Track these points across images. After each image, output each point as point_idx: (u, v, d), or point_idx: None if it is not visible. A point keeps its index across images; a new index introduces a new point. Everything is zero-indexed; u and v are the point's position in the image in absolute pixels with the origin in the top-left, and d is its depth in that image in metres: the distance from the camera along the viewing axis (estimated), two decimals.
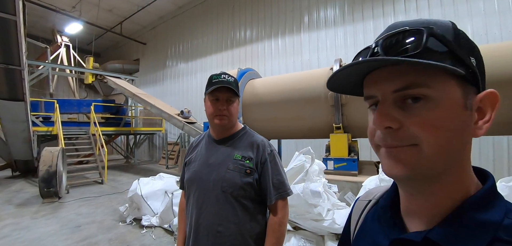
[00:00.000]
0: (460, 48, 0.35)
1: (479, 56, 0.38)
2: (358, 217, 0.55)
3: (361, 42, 6.66)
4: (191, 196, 1.18)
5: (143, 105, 8.66)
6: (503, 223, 0.35)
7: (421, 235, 0.37)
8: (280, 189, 1.15)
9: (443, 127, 0.34)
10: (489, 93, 0.37)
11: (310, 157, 2.85)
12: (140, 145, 12.22)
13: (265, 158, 1.16)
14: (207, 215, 1.11)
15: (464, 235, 0.35)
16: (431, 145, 0.34)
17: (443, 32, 0.35)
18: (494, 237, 0.34)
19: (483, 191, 0.37)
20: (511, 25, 4.93)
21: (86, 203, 5.00)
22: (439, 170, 0.36)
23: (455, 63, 0.34)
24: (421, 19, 0.37)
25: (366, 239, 0.49)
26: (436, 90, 0.35)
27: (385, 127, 0.37)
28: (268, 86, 5.03)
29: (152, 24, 12.45)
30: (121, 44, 14.51)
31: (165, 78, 12.11)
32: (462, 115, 0.35)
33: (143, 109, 11.34)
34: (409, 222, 0.42)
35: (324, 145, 4.33)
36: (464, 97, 0.35)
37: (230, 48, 9.54)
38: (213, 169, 1.15)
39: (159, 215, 3.69)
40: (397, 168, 0.37)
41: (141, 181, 4.08)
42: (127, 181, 6.97)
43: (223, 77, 1.15)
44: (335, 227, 2.34)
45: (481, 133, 0.37)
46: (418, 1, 5.91)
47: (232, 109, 1.18)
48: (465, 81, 0.36)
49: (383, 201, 0.49)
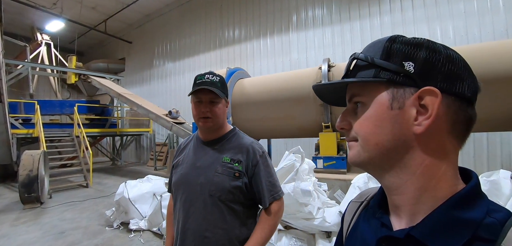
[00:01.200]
0: (388, 58, 0.41)
1: (422, 58, 0.40)
2: (351, 218, 0.57)
3: (348, 41, 6.78)
4: (178, 199, 1.15)
5: (129, 105, 8.45)
6: (484, 221, 0.36)
7: (404, 232, 0.40)
8: (272, 191, 1.13)
9: (370, 124, 0.42)
10: (424, 90, 0.39)
11: (300, 156, 2.86)
12: (127, 146, 11.92)
13: (257, 160, 1.13)
14: (194, 219, 1.08)
15: (444, 232, 0.37)
16: (362, 138, 0.43)
17: (370, 51, 0.44)
18: (474, 235, 0.35)
19: (465, 190, 0.39)
20: (489, 26, 5.15)
21: (71, 208, 4.82)
22: (378, 159, 0.42)
23: (379, 72, 0.41)
24: (371, 43, 0.46)
25: (357, 239, 0.51)
26: (367, 96, 0.43)
27: (340, 128, 0.48)
28: (257, 85, 5.03)
29: (138, 22, 12.16)
30: (105, 43, 14.09)
31: (152, 78, 11.87)
32: (386, 113, 0.41)
33: (129, 110, 11.07)
34: (395, 220, 0.44)
35: (313, 144, 4.37)
36: (390, 98, 0.41)
37: (218, 47, 9.47)
38: (200, 172, 1.11)
39: (148, 219, 3.61)
40: (350, 156, 0.47)
41: (128, 184, 3.98)
42: (114, 184, 6.77)
43: (207, 78, 1.11)
44: (326, 225, 2.37)
45: (420, 130, 0.38)
46: (403, 2, 6.07)
47: (216, 110, 1.13)
48: (394, 84, 0.41)
49: (372, 202, 0.52)
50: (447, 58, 0.40)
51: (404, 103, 0.40)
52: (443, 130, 0.39)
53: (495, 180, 2.01)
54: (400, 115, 0.40)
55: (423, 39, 0.42)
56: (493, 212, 0.37)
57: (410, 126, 0.39)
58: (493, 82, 3.07)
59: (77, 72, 9.98)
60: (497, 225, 0.35)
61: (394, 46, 0.42)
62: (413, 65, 0.40)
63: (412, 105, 0.39)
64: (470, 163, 5.17)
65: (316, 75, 4.41)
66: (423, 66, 0.40)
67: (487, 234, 0.35)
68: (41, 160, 5.14)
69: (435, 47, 0.41)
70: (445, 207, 0.38)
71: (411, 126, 0.39)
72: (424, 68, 0.40)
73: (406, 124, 0.40)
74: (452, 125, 0.40)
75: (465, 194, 0.39)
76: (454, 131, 0.40)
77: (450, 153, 0.40)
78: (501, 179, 2.00)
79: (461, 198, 0.38)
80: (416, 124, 0.39)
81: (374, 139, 0.42)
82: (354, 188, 2.59)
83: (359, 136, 0.44)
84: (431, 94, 0.38)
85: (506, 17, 5.02)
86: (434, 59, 0.40)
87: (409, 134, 0.39)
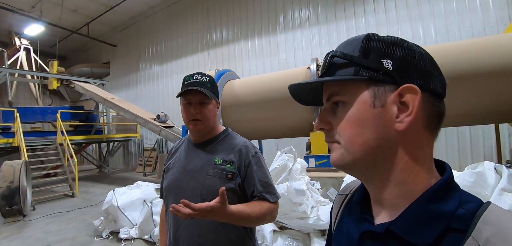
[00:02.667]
0: (367, 55, 0.42)
1: (399, 56, 0.40)
2: (338, 210, 0.59)
3: (335, 41, 6.90)
4: (169, 205, 1.09)
5: (116, 110, 8.23)
6: (456, 212, 0.37)
7: (383, 226, 0.41)
8: (268, 192, 1.08)
9: (352, 124, 0.42)
10: (404, 88, 0.39)
11: (292, 156, 2.88)
12: (114, 153, 11.61)
13: (249, 160, 1.09)
14: (186, 226, 1.03)
15: (420, 225, 0.38)
16: (345, 140, 0.43)
17: (347, 49, 0.44)
18: (447, 226, 0.37)
19: (439, 183, 0.40)
20: (468, 25, 5.39)
21: (56, 219, 4.63)
22: (363, 160, 0.42)
23: (359, 70, 0.42)
24: (345, 41, 0.46)
25: (342, 233, 0.52)
26: (347, 95, 0.43)
27: (320, 129, 0.48)
28: (247, 86, 5.02)
29: (123, 25, 11.87)
30: (88, 47, 13.66)
31: (138, 82, 11.61)
32: (369, 112, 0.41)
33: (116, 115, 10.78)
34: (377, 215, 0.45)
35: (304, 144, 4.41)
36: (372, 97, 0.41)
37: (206, 49, 9.40)
38: (192, 176, 1.08)
39: (138, 226, 3.52)
40: (332, 158, 0.46)
41: (117, 191, 3.86)
42: (101, 192, 6.56)
43: (196, 78, 1.08)
44: (320, 224, 2.39)
45: (402, 127, 0.39)
46: (386, 3, 6.24)
47: (206, 112, 1.09)
48: (374, 82, 0.41)
49: (355, 197, 0.53)
50: (420, 56, 0.41)
51: (385, 101, 0.40)
52: (420, 125, 0.40)
53: (481, 171, 2.10)
54: (383, 113, 0.40)
55: (397, 37, 0.43)
56: (465, 203, 0.38)
57: (392, 123, 0.40)
58: (473, 78, 3.20)
59: (60, 78, 9.60)
60: (468, 216, 0.37)
61: (371, 44, 0.42)
62: (391, 62, 0.40)
63: (393, 102, 0.40)
64: (455, 156, 5.38)
65: (305, 74, 4.46)
66: (400, 64, 0.40)
67: (459, 225, 0.36)
68: (22, 171, 4.90)
69: (409, 45, 0.42)
70: (421, 201, 0.39)
71: (393, 123, 0.40)
72: (402, 66, 0.40)
73: (388, 122, 0.40)
74: (427, 120, 0.41)
75: (439, 187, 0.40)
76: (429, 126, 0.41)
77: (426, 147, 0.41)
78: (486, 170, 2.09)
79: (435, 191, 0.40)
80: (398, 121, 0.40)
81: (360, 139, 0.41)
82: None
83: (343, 139, 0.43)
84: (411, 92, 0.39)
85: (483, 16, 5.26)
86: (410, 57, 0.41)
87: (392, 131, 0.40)
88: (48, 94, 11.45)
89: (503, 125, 4.53)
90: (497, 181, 2.07)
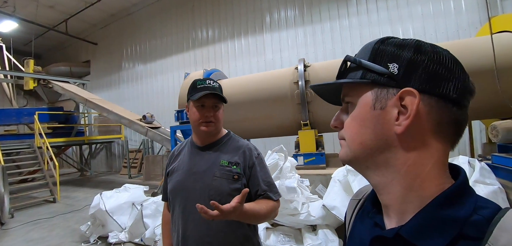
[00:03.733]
0: (376, 59, 0.43)
1: (407, 59, 0.41)
2: (351, 215, 0.60)
3: (320, 41, 7.07)
4: (176, 207, 1.14)
5: (99, 111, 7.96)
6: (470, 219, 0.36)
7: (393, 231, 0.41)
8: (273, 191, 1.15)
9: (354, 123, 0.45)
10: (404, 91, 0.40)
11: (283, 155, 2.96)
12: (96, 155, 11.22)
13: (253, 162, 1.15)
14: (195, 226, 1.07)
15: (430, 231, 0.37)
16: (348, 138, 0.46)
17: (359, 54, 0.47)
18: (460, 233, 0.35)
19: (452, 188, 0.39)
20: (443, 27, 5.73)
21: (37, 227, 4.43)
22: (363, 158, 0.44)
23: (366, 73, 0.43)
24: (364, 45, 0.48)
25: (354, 238, 0.53)
26: (354, 97, 0.46)
27: (333, 127, 0.51)
28: (235, 86, 5.05)
29: (103, 22, 11.45)
30: (67, 44, 13.06)
31: (121, 81, 11.27)
32: (369, 113, 0.43)
33: (98, 116, 10.41)
34: (387, 220, 0.45)
35: (292, 142, 4.51)
36: (373, 99, 0.42)
37: (192, 48, 9.29)
38: (198, 177, 1.11)
39: (128, 230, 3.46)
40: (340, 155, 0.49)
41: (104, 195, 3.77)
42: (85, 196, 6.36)
43: (208, 83, 1.14)
44: (311, 219, 2.49)
45: (400, 130, 0.40)
46: (369, 5, 6.48)
47: (219, 115, 1.16)
48: (378, 85, 0.42)
49: (367, 203, 0.54)
50: (432, 58, 0.40)
51: (386, 104, 0.41)
52: (427, 130, 0.40)
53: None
54: (382, 115, 0.41)
55: (411, 40, 0.43)
56: (480, 209, 0.37)
57: (391, 126, 0.40)
58: None
59: (37, 77, 9.12)
60: (484, 223, 0.35)
61: (381, 47, 0.44)
62: (397, 66, 0.41)
63: (394, 105, 0.40)
64: None
65: (293, 75, 4.55)
66: (406, 67, 0.40)
67: (473, 232, 0.35)
68: None
69: (422, 48, 0.41)
70: (431, 206, 0.39)
71: (392, 126, 0.40)
72: (408, 69, 0.40)
73: (387, 124, 0.41)
74: (436, 126, 0.40)
75: (451, 192, 0.39)
76: (440, 132, 0.40)
77: (436, 153, 0.40)
78: (461, 163, 2.27)
79: (447, 197, 0.39)
80: (397, 124, 0.40)
81: (358, 138, 0.44)
82: (334, 181, 2.74)
83: (346, 135, 0.46)
84: (410, 95, 0.39)
85: (456, 19, 5.61)
86: (418, 59, 0.40)
87: (391, 134, 0.41)
88: (22, 94, 10.84)
89: (475, 122, 4.86)
90: (471, 174, 2.26)
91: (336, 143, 6.20)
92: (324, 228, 2.49)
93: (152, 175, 8.40)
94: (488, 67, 2.80)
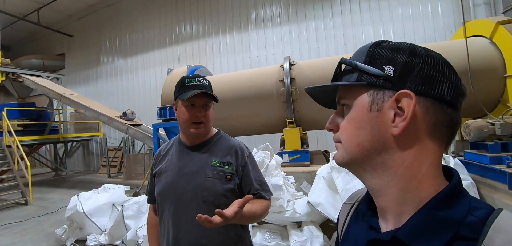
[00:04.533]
0: (371, 62, 0.44)
1: (402, 62, 0.41)
2: (344, 219, 0.59)
3: (305, 39, 7.15)
4: (166, 210, 1.09)
5: (75, 108, 7.54)
6: (465, 220, 0.37)
7: (390, 234, 0.41)
8: (264, 190, 1.15)
9: (350, 125, 0.45)
10: (400, 93, 0.40)
11: (268, 152, 2.97)
12: (73, 154, 10.68)
13: (245, 161, 1.14)
14: (188, 229, 1.04)
15: (427, 233, 0.37)
16: (344, 139, 0.46)
17: (354, 56, 0.47)
18: (456, 234, 0.36)
19: (446, 190, 0.40)
20: (421, 30, 6.00)
21: (8, 231, 4.15)
22: (359, 160, 0.44)
23: (361, 76, 0.44)
24: (359, 48, 0.48)
25: (349, 242, 0.53)
26: (350, 99, 0.46)
27: (328, 129, 0.50)
28: (221, 84, 4.98)
29: (80, 13, 10.85)
30: (39, 36, 12.25)
31: (99, 76, 10.76)
32: (366, 115, 0.43)
33: (74, 112, 9.89)
34: (382, 222, 0.45)
35: (278, 140, 4.53)
36: (370, 101, 0.43)
37: (175, 43, 9.05)
38: (190, 179, 1.08)
39: (108, 232, 3.32)
40: (335, 157, 0.49)
41: (81, 196, 3.59)
42: (60, 198, 6.04)
43: (198, 80, 1.10)
44: (296, 216, 2.51)
45: (397, 131, 0.40)
46: (352, 5, 6.63)
47: (209, 115, 1.13)
48: (374, 87, 0.43)
49: (361, 206, 0.53)
50: (426, 61, 0.41)
51: (382, 106, 0.41)
52: (423, 132, 0.40)
53: None
54: (379, 117, 0.41)
55: (406, 43, 0.43)
56: (474, 209, 0.38)
57: (388, 127, 0.41)
58: None
59: (4, 70, 8.48)
60: (479, 224, 0.36)
61: (377, 50, 0.44)
62: (393, 69, 0.41)
63: (390, 107, 0.41)
64: None
65: (279, 72, 4.57)
66: (402, 70, 0.41)
67: (469, 233, 0.36)
68: None
69: (416, 51, 0.42)
70: (427, 207, 0.39)
71: (389, 127, 0.41)
72: (403, 72, 0.41)
73: (384, 126, 0.41)
74: (432, 127, 0.40)
75: (446, 193, 0.39)
76: (435, 133, 0.41)
77: (432, 154, 0.41)
78: None
79: (442, 198, 0.39)
80: (393, 126, 0.40)
81: (355, 140, 0.44)
82: (319, 178, 2.79)
83: (342, 138, 0.46)
84: (407, 97, 0.39)
85: (433, 22, 5.89)
86: (413, 63, 0.41)
87: (387, 135, 0.41)
88: None
89: None
90: None
91: (320, 141, 6.33)
92: (309, 224, 2.53)
93: (133, 174, 8.13)
94: (462, 69, 2.96)
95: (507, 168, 2.16)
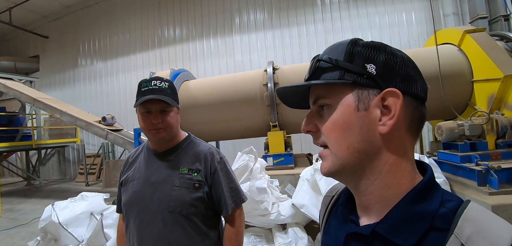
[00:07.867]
0: (352, 60, 0.43)
1: (382, 60, 0.42)
2: (324, 211, 0.60)
3: (288, 44, 7.28)
4: (131, 221, 1.03)
5: (50, 112, 7.17)
6: (438, 212, 0.38)
7: (369, 228, 0.42)
8: (235, 197, 1.09)
9: (337, 127, 0.43)
10: (387, 92, 0.40)
11: (253, 156, 2.98)
12: (47, 161, 10.10)
13: (215, 167, 1.08)
14: (152, 241, 0.99)
15: (404, 226, 0.39)
16: (333, 144, 0.43)
17: (332, 53, 0.45)
18: (430, 226, 0.37)
19: (421, 184, 0.41)
20: (397, 37, 6.33)
21: None
22: (351, 164, 0.42)
23: (344, 74, 0.42)
24: (331, 45, 0.47)
25: (330, 235, 0.53)
26: (332, 98, 0.44)
27: (306, 131, 0.48)
28: (204, 87, 4.95)
29: (56, 13, 10.38)
30: (11, 37, 11.57)
31: (77, 80, 10.31)
32: (354, 115, 0.42)
33: (49, 118, 9.38)
34: (362, 216, 0.46)
35: (262, 144, 4.57)
36: (356, 100, 0.42)
37: (157, 46, 8.89)
38: (156, 188, 1.02)
39: (86, 243, 3.17)
40: (323, 168, 0.46)
41: (57, 206, 3.39)
42: (32, 208, 5.68)
43: (154, 84, 1.01)
44: (281, 219, 2.54)
45: (385, 130, 0.40)
46: (333, 13, 6.86)
47: (168, 120, 1.04)
48: (358, 86, 0.42)
49: (341, 200, 0.54)
50: (402, 60, 0.42)
51: (369, 105, 0.41)
52: (402, 128, 0.41)
53: None
54: (366, 116, 0.41)
55: (380, 43, 0.44)
56: (446, 202, 0.39)
57: (375, 126, 0.41)
58: None
59: None
60: (450, 215, 0.38)
61: (355, 49, 0.43)
62: (375, 67, 0.41)
63: (376, 106, 0.41)
64: None
65: (262, 77, 4.61)
66: (383, 68, 0.41)
67: (442, 224, 0.37)
68: None
69: (392, 50, 0.43)
70: (404, 202, 0.40)
71: (377, 126, 0.41)
72: (385, 70, 0.41)
73: (372, 125, 0.41)
74: (409, 123, 0.42)
75: (421, 187, 0.41)
76: (411, 129, 0.42)
77: (408, 149, 0.43)
78: None
79: (418, 192, 0.40)
80: (381, 124, 0.41)
81: (345, 142, 0.42)
82: (303, 180, 2.84)
83: (329, 142, 0.44)
84: (394, 95, 0.40)
85: (408, 30, 6.23)
86: (392, 61, 0.42)
87: (375, 134, 0.41)
88: None
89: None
90: None
91: (304, 144, 6.43)
92: (293, 226, 2.56)
93: (113, 181, 7.82)
94: (434, 74, 3.14)
95: (476, 166, 2.31)
